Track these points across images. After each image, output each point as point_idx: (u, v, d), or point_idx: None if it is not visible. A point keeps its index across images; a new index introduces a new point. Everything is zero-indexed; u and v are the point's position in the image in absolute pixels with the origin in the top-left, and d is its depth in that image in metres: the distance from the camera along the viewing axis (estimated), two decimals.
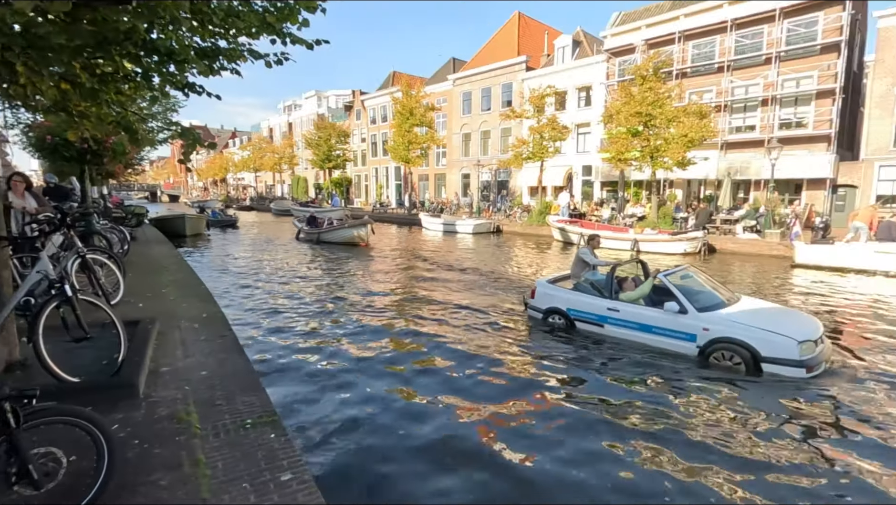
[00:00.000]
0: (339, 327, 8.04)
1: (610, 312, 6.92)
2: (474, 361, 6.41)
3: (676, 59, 24.31)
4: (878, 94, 19.94)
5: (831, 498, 3.56)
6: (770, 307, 7.13)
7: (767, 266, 14.94)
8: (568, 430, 4.60)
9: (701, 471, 3.88)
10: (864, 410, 4.98)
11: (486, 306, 9.31)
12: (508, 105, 31.72)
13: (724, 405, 5.06)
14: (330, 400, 5.25)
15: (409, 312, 9.09)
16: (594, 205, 26.22)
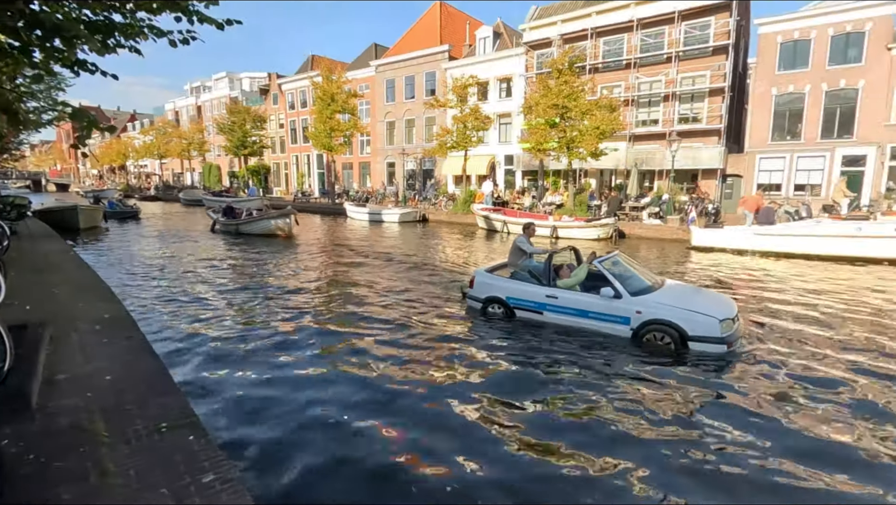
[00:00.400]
0: (263, 322, 7.70)
1: (548, 299, 7.07)
2: (411, 352, 6.40)
3: (589, 55, 25.66)
4: (758, 94, 22.41)
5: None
6: (692, 289, 7.72)
7: (669, 249, 16.41)
8: (505, 421, 4.62)
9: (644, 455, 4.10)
10: (771, 383, 5.42)
11: (422, 296, 9.31)
12: (432, 94, 31.76)
13: (654, 385, 5.32)
14: (255, 397, 5.06)
15: (339, 305, 8.88)
16: (516, 193, 27.14)
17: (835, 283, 10.91)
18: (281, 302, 8.93)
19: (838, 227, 13.75)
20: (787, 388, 5.29)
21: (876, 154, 20.08)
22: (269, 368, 5.82)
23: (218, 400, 4.96)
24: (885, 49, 19.40)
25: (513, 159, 29.78)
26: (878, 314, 8.30)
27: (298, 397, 5.05)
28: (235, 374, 5.66)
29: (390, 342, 6.75)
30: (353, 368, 5.84)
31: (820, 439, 4.23)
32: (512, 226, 20.16)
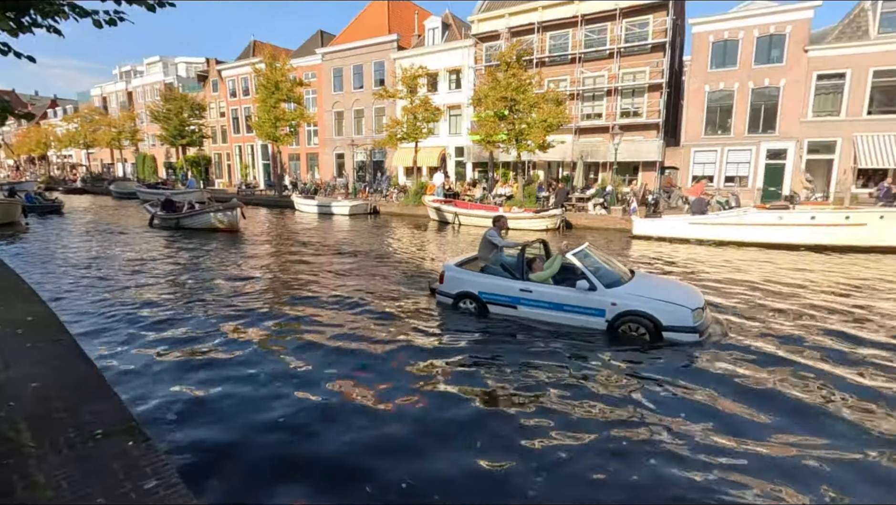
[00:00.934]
0: (206, 321, 7.35)
1: (523, 292, 6.98)
2: (369, 346, 6.29)
3: (536, 49, 26.13)
4: (693, 90, 23.68)
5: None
6: (660, 279, 7.77)
7: (613, 238, 17.12)
8: (479, 417, 4.59)
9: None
10: (746, 369, 5.61)
11: (384, 292, 9.06)
12: (381, 84, 31.30)
13: (633, 375, 5.42)
14: (198, 398, 4.86)
15: (293, 301, 8.51)
16: (467, 185, 27.34)
17: (761, 265, 11.80)
18: (226, 300, 8.56)
19: (763, 216, 14.85)
20: (761, 371, 5.53)
21: (795, 148, 21.78)
22: (213, 368, 5.60)
23: (159, 403, 4.73)
24: (803, 51, 21.00)
25: (463, 151, 29.95)
26: (808, 294, 9.06)
27: (243, 396, 4.90)
28: (178, 375, 5.40)
29: (346, 336, 6.65)
30: (304, 365, 5.72)
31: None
32: (463, 217, 20.33)
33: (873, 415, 4.59)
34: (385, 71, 32.12)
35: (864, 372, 5.55)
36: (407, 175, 31.68)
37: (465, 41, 28.95)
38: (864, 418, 4.51)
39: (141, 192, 33.10)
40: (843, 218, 13.90)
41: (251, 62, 34.97)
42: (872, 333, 6.92)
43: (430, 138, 27.10)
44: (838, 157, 21.12)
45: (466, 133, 29.10)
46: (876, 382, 5.28)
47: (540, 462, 3.82)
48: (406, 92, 25.36)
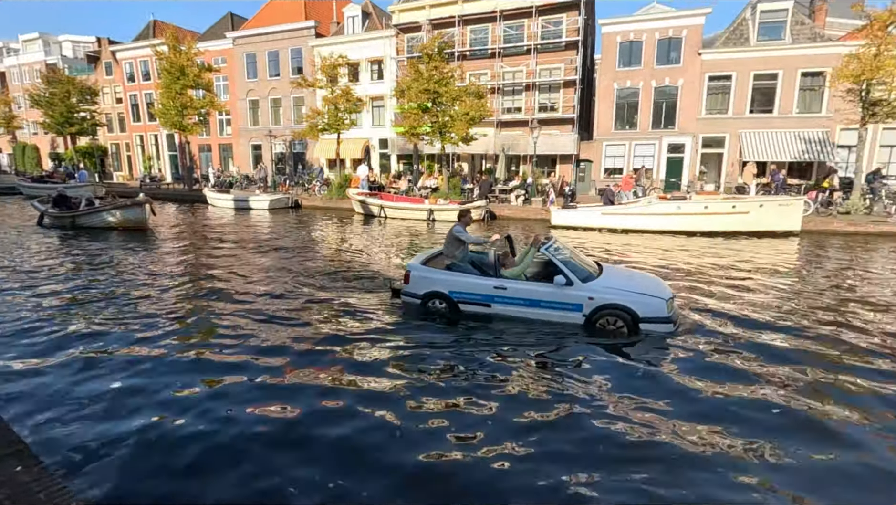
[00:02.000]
0: (110, 332, 6.61)
1: (497, 290, 6.76)
2: (297, 346, 6.02)
3: (458, 42, 26.41)
4: (603, 87, 25.19)
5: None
6: (628, 272, 7.87)
7: (534, 228, 17.84)
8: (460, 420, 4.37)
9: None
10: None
11: (337, 293, 8.49)
12: (299, 72, 30.07)
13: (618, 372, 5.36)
14: (97, 415, 4.44)
15: (207, 304, 7.83)
16: (392, 177, 27.15)
17: (667, 251, 12.91)
18: (133, 308, 7.78)
19: (664, 206, 16.21)
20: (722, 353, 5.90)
21: (691, 143, 23.95)
22: (121, 380, 5.15)
23: (51, 423, 4.26)
24: (697, 54, 23.06)
25: (387, 143, 29.66)
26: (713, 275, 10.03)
27: (152, 410, 4.57)
28: (74, 391, 4.89)
29: (270, 346, 6.23)
30: (233, 377, 5.39)
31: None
32: (389, 210, 20.18)
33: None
34: (303, 59, 30.89)
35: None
36: (330, 167, 30.81)
37: (386, 31, 28.56)
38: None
39: (24, 187, 29.31)
40: (730, 207, 15.55)
41: (151, 44, 31.99)
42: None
43: (353, 130, 26.53)
44: (727, 151, 23.54)
45: (390, 125, 28.83)
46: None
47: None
48: (326, 81, 24.58)
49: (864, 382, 5.11)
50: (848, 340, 6.36)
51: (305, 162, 32.60)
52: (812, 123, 21.86)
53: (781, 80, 22.16)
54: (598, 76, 26.24)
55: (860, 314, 7.54)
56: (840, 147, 21.40)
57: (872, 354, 5.88)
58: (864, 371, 5.41)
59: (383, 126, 29.65)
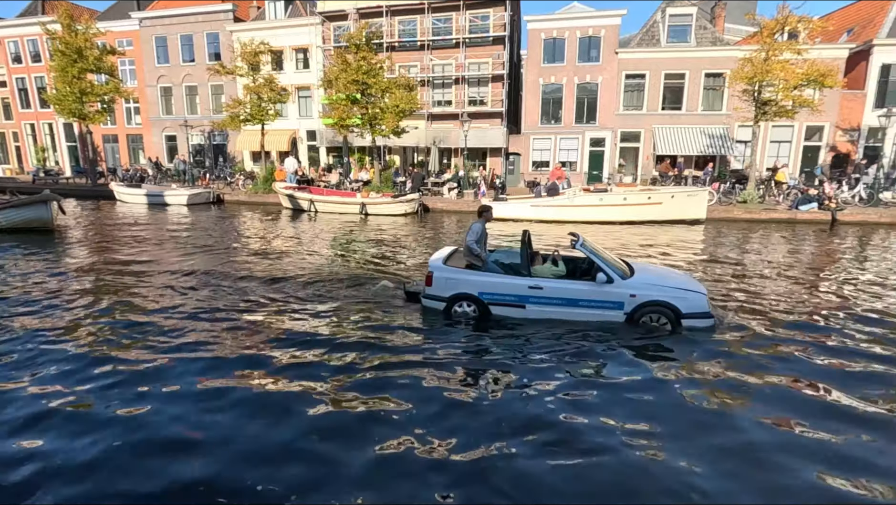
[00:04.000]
0: (9, 355, 5.96)
1: (532, 290, 6.42)
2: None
3: (386, 33, 26.02)
4: (530, 82, 25.95)
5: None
6: (659, 268, 7.89)
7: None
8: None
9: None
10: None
11: (320, 296, 7.90)
12: (217, 58, 28.27)
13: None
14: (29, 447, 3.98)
15: (131, 323, 6.69)
16: (322, 170, 26.37)
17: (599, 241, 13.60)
18: (36, 323, 7.02)
19: (588, 198, 17.09)
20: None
21: (611, 137, 25.36)
22: (25, 408, 4.63)
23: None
24: (614, 53, 24.38)
25: (316, 135, 28.73)
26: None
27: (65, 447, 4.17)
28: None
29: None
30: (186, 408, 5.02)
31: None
32: (320, 204, 19.61)
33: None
34: (221, 44, 29.04)
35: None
36: (254, 160, 29.36)
37: (311, 19, 27.52)
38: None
39: None
40: (646, 198, 16.71)
41: (41, 21, 28.56)
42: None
43: (278, 121, 25.42)
44: (642, 146, 25.19)
45: (318, 116, 27.92)
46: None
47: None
48: (247, 69, 23.29)
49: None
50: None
51: (227, 154, 30.79)
52: (714, 120, 23.93)
53: (688, 79, 24.02)
54: (524, 71, 26.95)
55: (755, 282, 8.50)
56: (738, 142, 23.62)
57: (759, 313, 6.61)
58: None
59: (311, 117, 28.67)
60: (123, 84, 27.66)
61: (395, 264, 10.62)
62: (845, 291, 8.59)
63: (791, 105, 18.23)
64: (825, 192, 18.30)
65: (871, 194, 18.74)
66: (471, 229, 6.79)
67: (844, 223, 16.81)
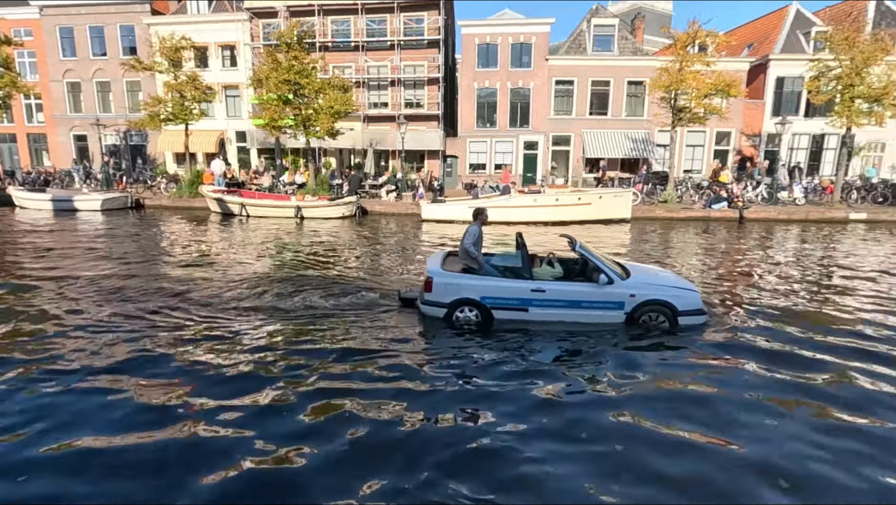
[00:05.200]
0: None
1: (535, 293, 6.39)
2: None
3: (318, 32, 25.44)
4: (465, 86, 26.37)
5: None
6: (649, 267, 8.01)
7: (406, 222, 18.11)
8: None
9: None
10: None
11: (256, 310, 7.20)
12: (133, 53, 26.33)
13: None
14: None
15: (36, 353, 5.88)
16: (253, 173, 25.29)
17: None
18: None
19: (522, 199, 17.63)
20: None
21: (543, 141, 26.32)
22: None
23: None
24: (544, 59, 25.34)
25: (246, 136, 27.51)
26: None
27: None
28: None
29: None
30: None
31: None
32: (252, 208, 18.79)
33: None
34: (137, 38, 27.07)
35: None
36: (177, 162, 27.62)
37: (238, 14, 26.34)
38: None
39: None
40: (576, 199, 17.50)
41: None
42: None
43: (204, 121, 24.09)
44: (572, 149, 26.35)
45: (248, 117, 26.77)
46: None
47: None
48: (168, 65, 21.86)
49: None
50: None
51: (146, 156, 28.74)
52: (637, 125, 25.52)
53: (613, 86, 25.44)
54: (459, 75, 27.37)
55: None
56: (658, 146, 25.33)
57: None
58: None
59: (240, 117, 27.42)
60: (22, 78, 25.04)
61: (342, 270, 10.29)
62: (759, 279, 9.49)
63: (702, 112, 19.82)
64: (734, 193, 20.06)
65: (771, 194, 20.77)
66: (467, 232, 6.69)
67: (750, 220, 18.52)
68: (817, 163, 26.21)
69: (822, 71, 19.92)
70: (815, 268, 10.76)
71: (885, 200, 20.88)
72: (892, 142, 25.64)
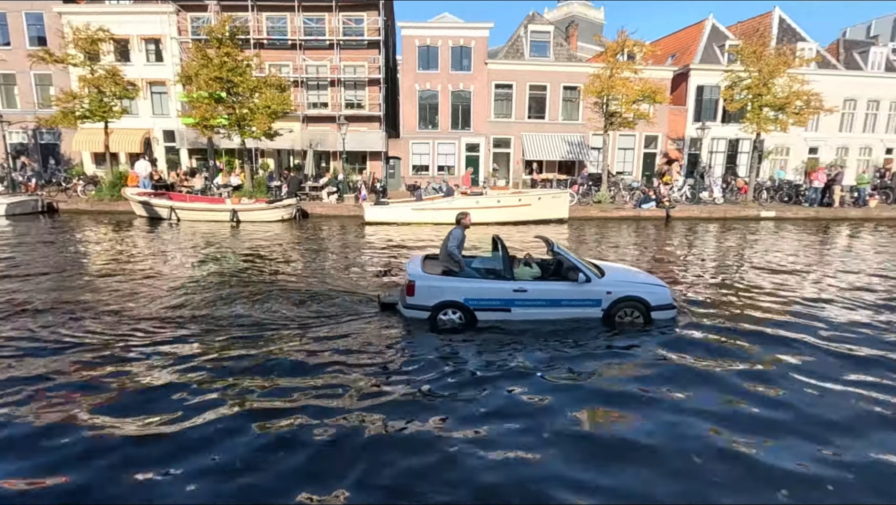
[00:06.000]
0: None
1: (517, 293, 6.49)
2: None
3: (253, 29, 24.49)
4: (406, 88, 26.34)
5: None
6: (619, 266, 8.25)
7: (348, 224, 17.82)
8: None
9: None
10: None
11: (188, 323, 6.70)
12: (42, 43, 24.14)
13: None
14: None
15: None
16: (183, 174, 23.91)
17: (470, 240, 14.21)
18: None
19: (465, 201, 17.84)
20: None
21: (485, 143, 26.79)
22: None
23: None
24: (484, 63, 25.81)
25: (175, 135, 25.96)
26: None
27: None
28: None
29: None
30: None
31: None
32: (182, 212, 17.76)
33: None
34: (47, 27, 24.84)
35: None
36: (97, 163, 25.62)
37: (163, 6, 24.82)
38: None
39: None
40: (517, 200, 17.96)
41: None
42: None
43: (126, 118, 22.45)
44: (513, 151, 27.01)
45: (177, 115, 25.29)
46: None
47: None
48: (83, 58, 20.20)
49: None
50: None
51: (60, 156, 26.41)
52: (573, 129, 26.58)
53: (549, 91, 26.35)
54: (401, 77, 27.29)
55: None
56: (593, 149, 26.51)
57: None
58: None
59: (168, 116, 25.84)
60: None
61: (285, 275, 9.92)
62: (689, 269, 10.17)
63: (632, 117, 20.96)
64: (661, 193, 21.37)
65: (694, 194, 22.32)
66: (451, 236, 6.76)
67: (676, 218, 19.81)
68: (734, 165, 28.48)
69: (734, 81, 21.66)
70: (732, 262, 11.71)
71: (790, 199, 23.05)
72: (795, 146, 28.35)
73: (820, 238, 15.93)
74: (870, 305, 8.06)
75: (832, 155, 28.73)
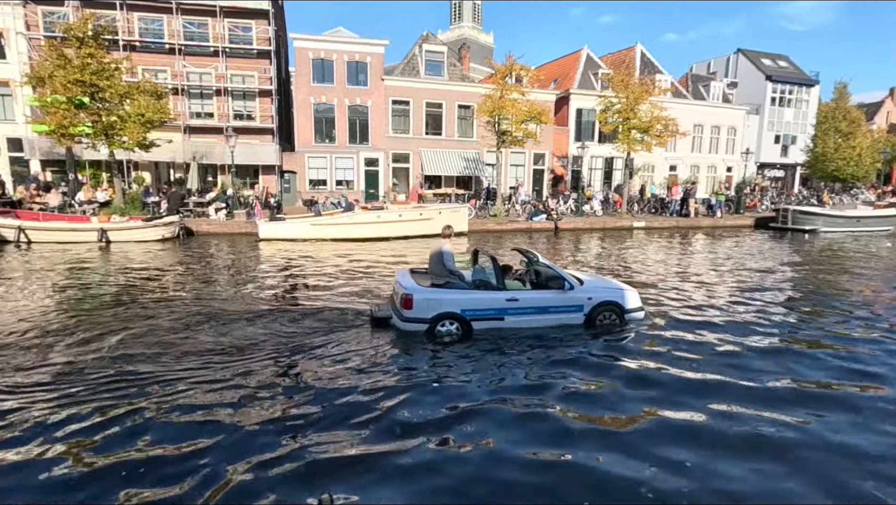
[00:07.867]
0: None
1: (510, 303, 6.89)
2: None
3: (122, 29, 22.16)
4: (300, 100, 25.54)
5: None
6: (594, 274, 9.10)
7: (240, 242, 16.68)
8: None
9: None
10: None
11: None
12: None
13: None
14: None
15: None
16: (34, 190, 20.68)
17: (372, 254, 14.09)
18: None
19: (366, 216, 17.69)
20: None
21: (384, 158, 26.83)
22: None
23: None
24: (381, 79, 25.95)
25: (23, 144, 22.43)
26: None
27: None
28: None
29: None
30: None
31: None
32: (33, 233, 15.34)
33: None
34: None
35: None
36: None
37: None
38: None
39: None
40: (418, 214, 18.19)
41: None
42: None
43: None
44: (412, 166, 27.38)
45: (25, 121, 21.88)
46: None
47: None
48: None
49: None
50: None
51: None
52: (468, 146, 27.68)
53: (445, 109, 27.22)
54: (294, 89, 26.40)
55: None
56: (487, 165, 27.80)
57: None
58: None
59: (14, 122, 22.28)
60: None
61: (168, 299, 8.95)
62: None
63: (521, 136, 22.39)
64: (550, 206, 23.02)
65: (578, 207, 24.38)
66: (443, 253, 7.08)
67: (564, 229, 21.45)
68: (610, 181, 31.64)
69: (607, 105, 24.19)
70: (616, 265, 12.96)
71: (657, 211, 26.15)
72: (658, 164, 32.30)
73: (679, 242, 18.27)
74: (726, 295, 9.43)
75: (687, 172, 33.20)
